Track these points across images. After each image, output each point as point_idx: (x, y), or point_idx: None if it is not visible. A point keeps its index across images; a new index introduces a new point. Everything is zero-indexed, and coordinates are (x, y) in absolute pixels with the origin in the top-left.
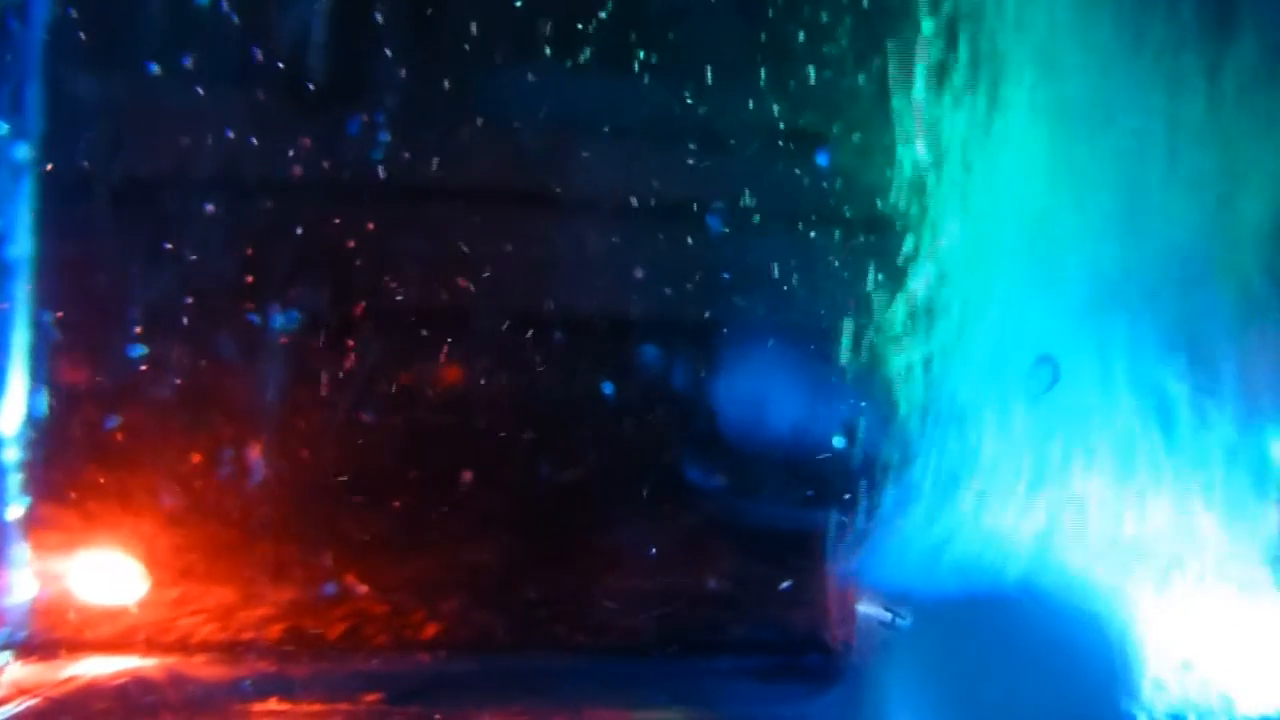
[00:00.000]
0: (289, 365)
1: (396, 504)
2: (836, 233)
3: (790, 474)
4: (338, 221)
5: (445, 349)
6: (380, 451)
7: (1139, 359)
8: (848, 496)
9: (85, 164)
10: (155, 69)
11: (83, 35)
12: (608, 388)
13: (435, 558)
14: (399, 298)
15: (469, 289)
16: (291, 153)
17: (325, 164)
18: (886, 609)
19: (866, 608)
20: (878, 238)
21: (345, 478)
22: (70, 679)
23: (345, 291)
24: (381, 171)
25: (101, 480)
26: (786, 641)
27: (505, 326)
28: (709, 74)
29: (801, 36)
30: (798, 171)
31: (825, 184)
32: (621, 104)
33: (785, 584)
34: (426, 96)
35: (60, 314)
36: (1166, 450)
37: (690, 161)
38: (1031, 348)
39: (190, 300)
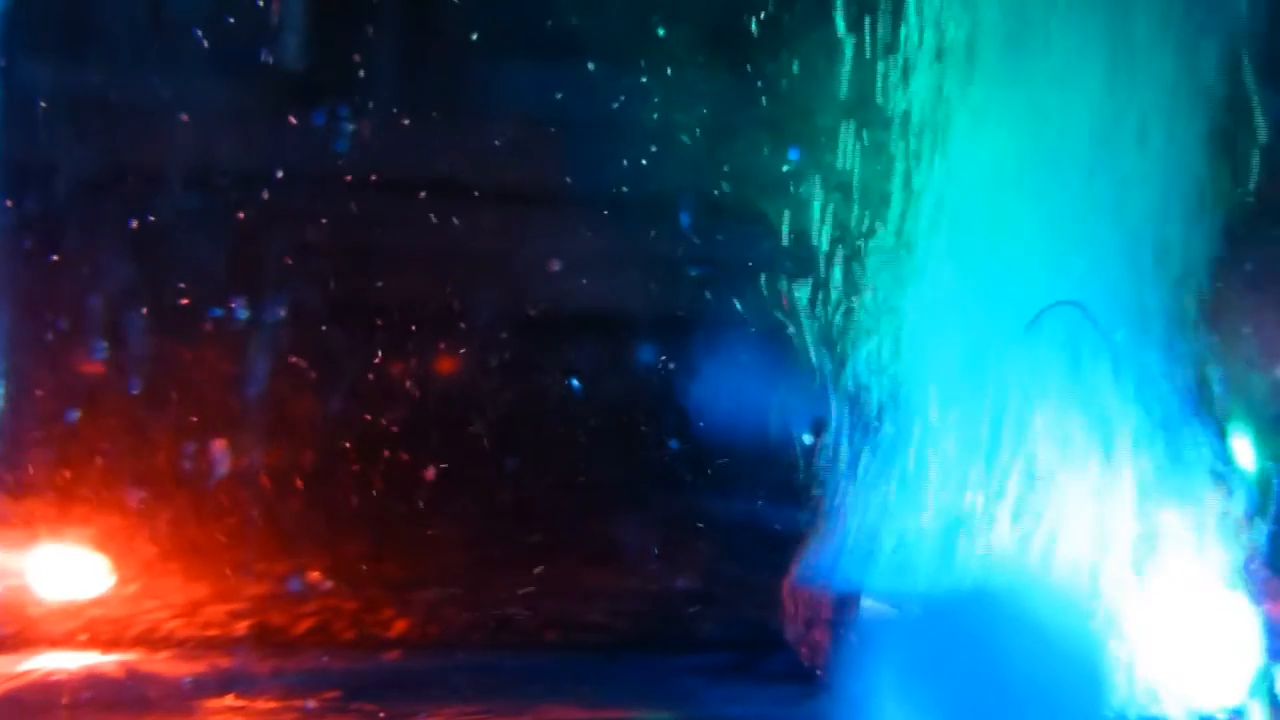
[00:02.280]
0: (255, 360)
1: (368, 500)
2: (804, 227)
3: (757, 472)
4: (304, 217)
5: (417, 346)
6: (352, 447)
7: (1108, 355)
8: (814, 495)
9: (44, 155)
10: (117, 58)
11: (40, 24)
12: (575, 384)
13: (406, 554)
14: (370, 294)
15: (439, 285)
16: (258, 146)
17: (292, 158)
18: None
19: (833, 605)
20: (845, 232)
21: (319, 473)
22: (22, 674)
23: (314, 288)
24: (352, 166)
25: (61, 475)
26: (753, 640)
27: (477, 324)
28: (688, 72)
29: (767, 25)
30: (767, 166)
31: (794, 178)
32: (605, 100)
33: (749, 582)
34: (400, 90)
35: (18, 306)
36: (1136, 448)
37: (663, 157)
38: (1004, 342)
39: (152, 293)
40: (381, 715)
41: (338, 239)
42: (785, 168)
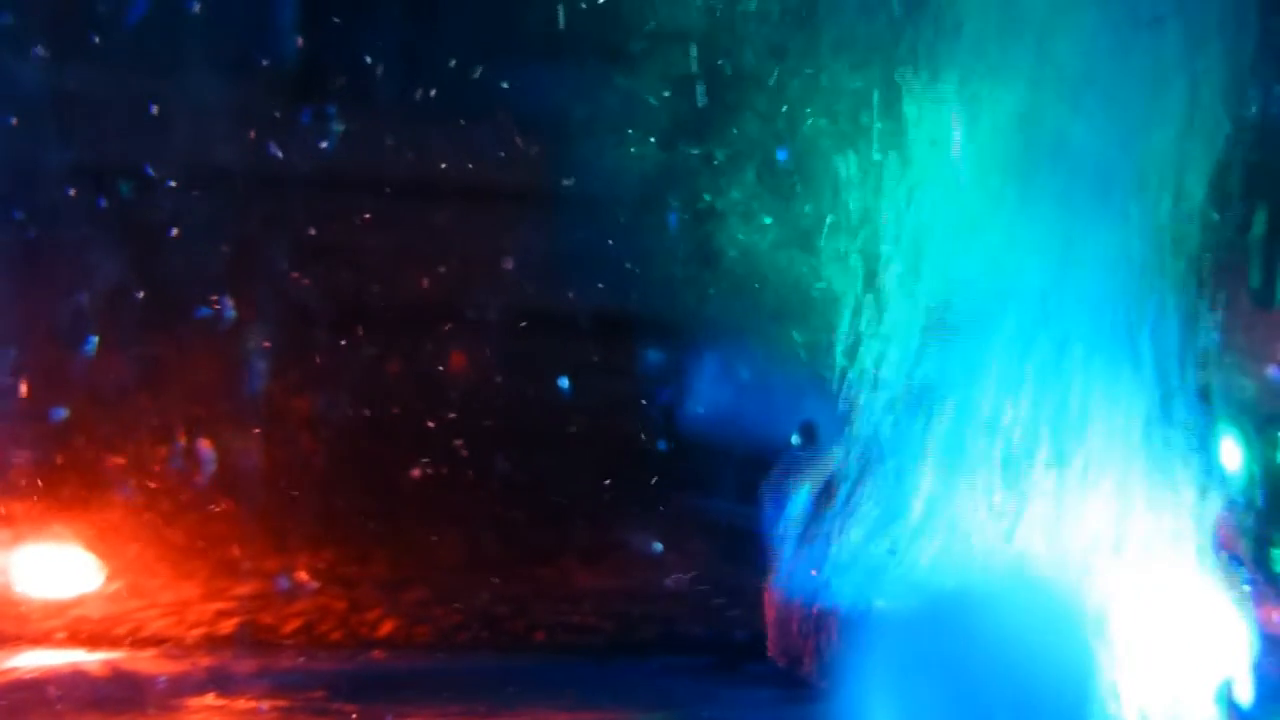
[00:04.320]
0: (242, 359)
1: (359, 500)
2: (795, 232)
3: (745, 475)
4: (293, 214)
5: (407, 346)
6: (341, 447)
7: (1095, 356)
8: (801, 498)
9: (26, 150)
10: (101, 55)
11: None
12: (564, 384)
13: (396, 555)
14: (361, 293)
15: (428, 285)
16: (244, 143)
17: (279, 155)
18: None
19: (818, 609)
20: (836, 239)
21: (309, 473)
22: (5, 672)
23: (304, 288)
24: (343, 165)
25: (46, 473)
26: (738, 642)
27: (468, 324)
28: (684, 76)
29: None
30: (759, 170)
31: (784, 183)
32: (598, 99)
33: (735, 584)
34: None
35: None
36: (1130, 452)
37: (659, 159)
38: (989, 350)
39: (138, 290)
40: (354, 716)
41: (328, 238)
42: (781, 171)
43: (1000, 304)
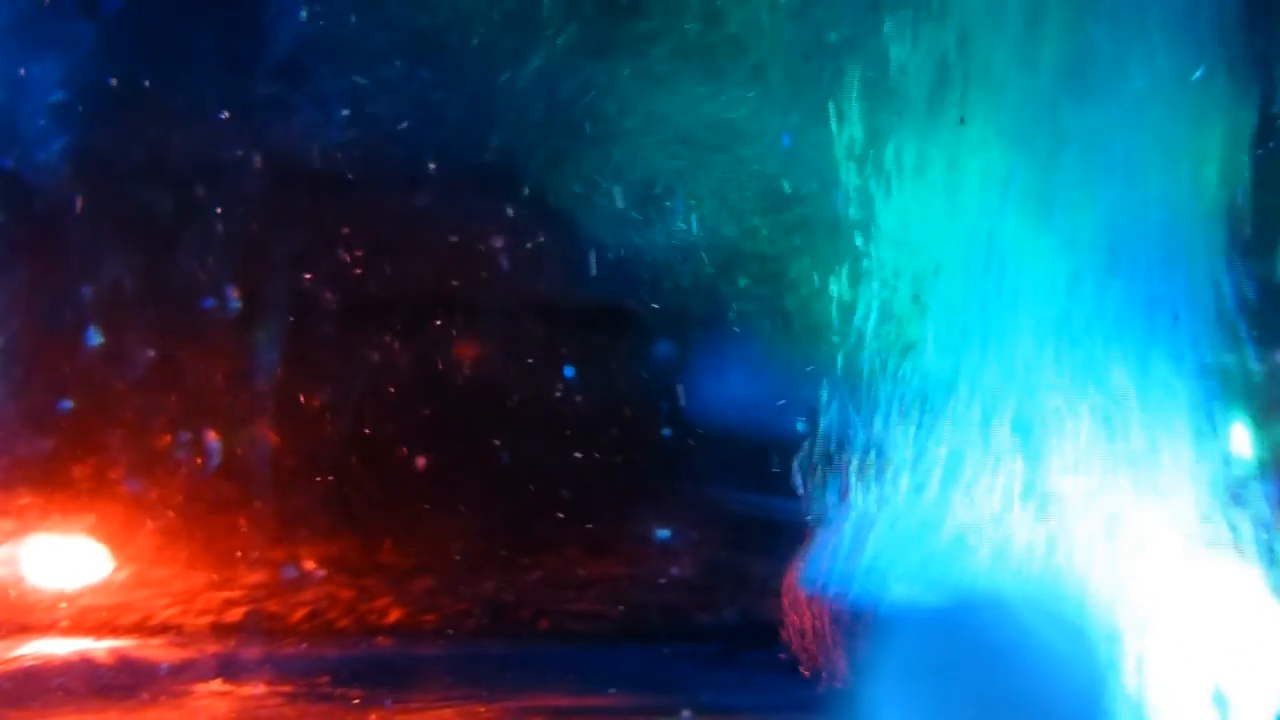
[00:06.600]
0: (249, 351)
1: (367, 490)
2: (803, 223)
3: (760, 467)
4: (298, 209)
5: (413, 336)
6: (352, 438)
7: (1101, 353)
8: (817, 492)
9: (31, 146)
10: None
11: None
12: (569, 372)
13: (404, 544)
14: (365, 285)
15: (435, 278)
16: (240, 140)
17: (281, 152)
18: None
19: (834, 605)
20: (845, 230)
21: (315, 463)
22: (14, 660)
23: (310, 279)
24: (346, 161)
25: (56, 463)
26: (746, 630)
27: (473, 315)
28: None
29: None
30: (763, 162)
31: (789, 174)
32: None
33: (746, 574)
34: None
35: (8, 296)
36: (1155, 449)
37: (662, 154)
38: (995, 345)
39: (145, 284)
40: (357, 700)
41: (330, 234)
42: (786, 165)
43: (1011, 295)
